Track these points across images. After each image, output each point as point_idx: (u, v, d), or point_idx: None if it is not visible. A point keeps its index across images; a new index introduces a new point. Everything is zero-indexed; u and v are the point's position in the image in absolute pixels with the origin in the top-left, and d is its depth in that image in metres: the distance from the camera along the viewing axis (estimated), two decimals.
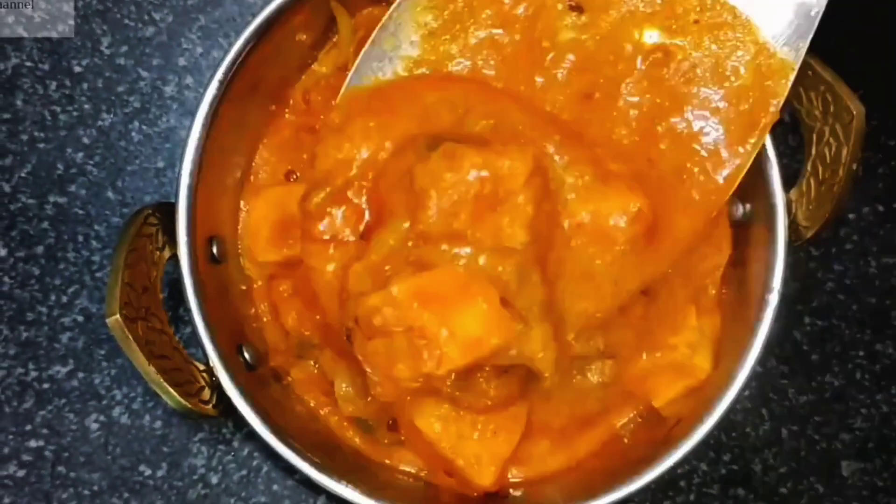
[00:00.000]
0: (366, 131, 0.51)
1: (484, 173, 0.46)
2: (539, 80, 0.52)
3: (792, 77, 0.51)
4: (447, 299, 0.46)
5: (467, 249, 0.46)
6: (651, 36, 0.52)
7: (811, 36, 0.51)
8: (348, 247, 0.51)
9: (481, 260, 0.46)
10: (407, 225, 0.48)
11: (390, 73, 0.53)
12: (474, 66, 0.52)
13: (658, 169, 0.52)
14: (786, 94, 0.51)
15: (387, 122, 0.51)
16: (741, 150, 0.51)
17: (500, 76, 0.53)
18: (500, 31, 0.52)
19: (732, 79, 0.51)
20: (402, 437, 0.57)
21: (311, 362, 0.58)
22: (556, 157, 0.50)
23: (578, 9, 0.52)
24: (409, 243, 0.47)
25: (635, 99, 0.52)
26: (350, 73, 0.53)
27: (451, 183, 0.46)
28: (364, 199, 0.51)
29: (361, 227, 0.51)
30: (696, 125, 0.52)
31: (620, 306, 0.52)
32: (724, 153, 0.52)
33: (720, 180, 0.52)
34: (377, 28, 0.53)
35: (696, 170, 0.52)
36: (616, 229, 0.49)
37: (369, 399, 0.54)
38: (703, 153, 0.52)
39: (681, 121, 0.52)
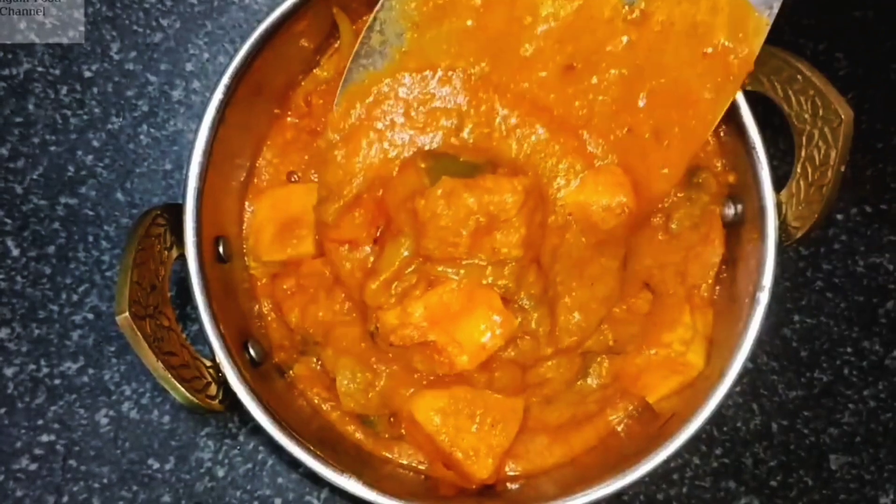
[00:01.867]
0: (370, 144, 0.53)
1: (478, 209, 0.49)
2: (524, 55, 0.53)
3: (766, 31, 0.51)
4: (454, 314, 0.50)
5: (467, 269, 0.50)
6: None
7: None
8: (363, 251, 0.53)
9: (481, 273, 0.50)
10: (412, 244, 0.51)
11: (381, 65, 0.54)
12: (460, 51, 0.53)
13: (638, 135, 0.53)
14: (759, 47, 0.52)
15: (387, 136, 0.53)
16: (716, 99, 0.52)
17: (487, 59, 0.53)
18: (482, 14, 0.53)
19: (708, 35, 0.52)
20: (403, 432, 0.57)
21: (314, 359, 0.58)
22: (547, 149, 0.52)
23: None
24: (415, 264, 0.51)
25: (615, 67, 0.53)
26: (344, 75, 0.54)
27: (449, 220, 0.49)
28: (374, 210, 0.53)
29: (375, 234, 0.53)
30: (674, 81, 0.53)
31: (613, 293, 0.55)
32: (701, 105, 0.53)
33: (697, 132, 0.53)
34: (364, 28, 0.53)
35: (675, 128, 0.53)
36: (603, 221, 0.52)
37: (370, 395, 0.54)
38: (681, 108, 0.53)
39: (660, 79, 0.53)
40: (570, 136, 0.53)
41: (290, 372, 0.58)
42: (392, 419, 0.57)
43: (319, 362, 0.57)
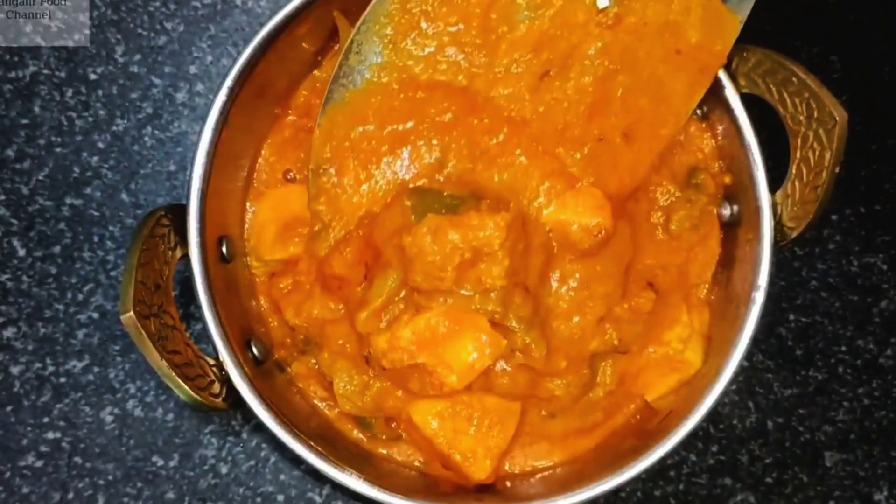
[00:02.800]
0: (357, 182, 0.54)
1: (463, 245, 0.50)
2: (500, 65, 0.53)
3: (738, 29, 0.52)
4: (441, 337, 0.51)
5: (454, 298, 0.51)
6: (602, 1, 0.52)
7: None
8: (353, 286, 0.54)
9: (468, 301, 0.51)
10: (400, 276, 0.51)
11: (360, 82, 0.54)
12: (436, 64, 0.53)
13: (610, 142, 0.53)
14: (732, 43, 0.52)
15: (374, 174, 0.54)
16: (689, 93, 0.53)
17: (462, 71, 0.53)
18: (457, 26, 0.53)
19: (681, 33, 0.52)
20: (401, 433, 0.57)
21: (312, 360, 0.58)
22: (528, 174, 0.53)
23: None
24: (403, 292, 0.52)
25: (589, 70, 0.53)
26: (325, 96, 0.54)
27: (435, 256, 0.50)
28: (362, 246, 0.54)
29: (364, 272, 0.54)
30: (648, 79, 0.53)
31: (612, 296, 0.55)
32: (674, 99, 0.53)
33: (668, 127, 0.54)
34: (342, 51, 0.53)
35: (645, 127, 0.53)
36: (581, 241, 0.53)
37: (366, 399, 0.55)
38: (653, 104, 0.53)
39: (633, 78, 0.53)
40: (548, 159, 0.53)
41: (289, 369, 0.58)
42: (394, 425, 0.57)
43: (317, 365, 0.57)
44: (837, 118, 0.50)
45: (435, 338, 0.51)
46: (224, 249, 0.56)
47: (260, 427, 0.55)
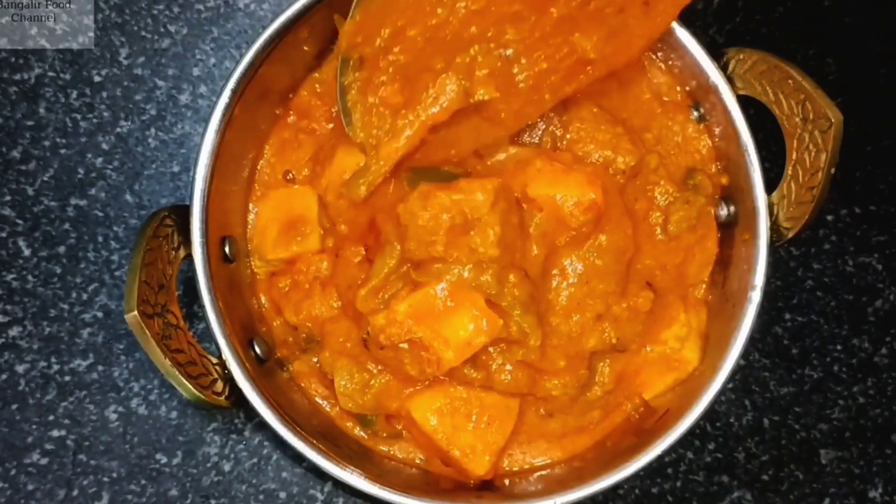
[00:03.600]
0: (394, 97, 0.53)
1: (452, 208, 0.51)
2: None
3: None
4: (438, 312, 0.52)
5: (452, 269, 0.51)
6: None
7: None
8: (362, 263, 0.56)
9: (464, 274, 0.51)
10: (398, 252, 0.52)
11: None
12: None
13: (628, 13, 0.52)
14: None
15: (406, 90, 0.53)
16: None
17: None
18: None
19: None
20: (402, 431, 0.57)
21: (314, 358, 0.58)
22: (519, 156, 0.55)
23: None
24: (403, 268, 0.53)
25: None
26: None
27: (425, 220, 0.51)
28: (364, 228, 0.55)
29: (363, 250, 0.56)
30: None
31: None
32: None
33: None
34: None
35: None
36: (572, 216, 0.53)
37: (367, 397, 0.55)
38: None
39: None
40: (567, 52, 0.52)
41: (291, 367, 0.58)
42: (398, 426, 0.57)
43: (318, 363, 0.57)
44: (833, 119, 0.50)
45: (432, 312, 0.51)
46: (227, 249, 0.56)
47: (262, 425, 0.55)
